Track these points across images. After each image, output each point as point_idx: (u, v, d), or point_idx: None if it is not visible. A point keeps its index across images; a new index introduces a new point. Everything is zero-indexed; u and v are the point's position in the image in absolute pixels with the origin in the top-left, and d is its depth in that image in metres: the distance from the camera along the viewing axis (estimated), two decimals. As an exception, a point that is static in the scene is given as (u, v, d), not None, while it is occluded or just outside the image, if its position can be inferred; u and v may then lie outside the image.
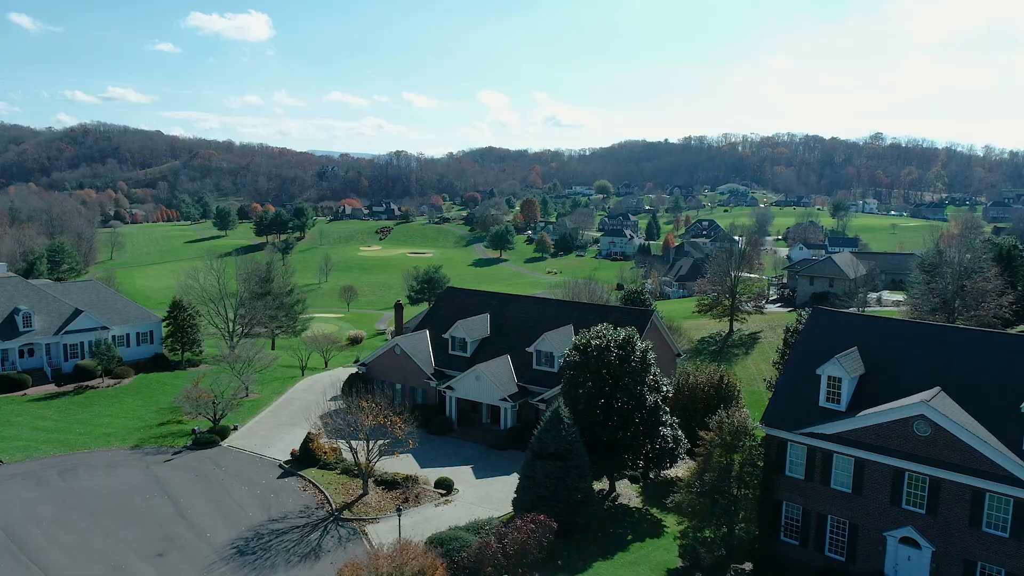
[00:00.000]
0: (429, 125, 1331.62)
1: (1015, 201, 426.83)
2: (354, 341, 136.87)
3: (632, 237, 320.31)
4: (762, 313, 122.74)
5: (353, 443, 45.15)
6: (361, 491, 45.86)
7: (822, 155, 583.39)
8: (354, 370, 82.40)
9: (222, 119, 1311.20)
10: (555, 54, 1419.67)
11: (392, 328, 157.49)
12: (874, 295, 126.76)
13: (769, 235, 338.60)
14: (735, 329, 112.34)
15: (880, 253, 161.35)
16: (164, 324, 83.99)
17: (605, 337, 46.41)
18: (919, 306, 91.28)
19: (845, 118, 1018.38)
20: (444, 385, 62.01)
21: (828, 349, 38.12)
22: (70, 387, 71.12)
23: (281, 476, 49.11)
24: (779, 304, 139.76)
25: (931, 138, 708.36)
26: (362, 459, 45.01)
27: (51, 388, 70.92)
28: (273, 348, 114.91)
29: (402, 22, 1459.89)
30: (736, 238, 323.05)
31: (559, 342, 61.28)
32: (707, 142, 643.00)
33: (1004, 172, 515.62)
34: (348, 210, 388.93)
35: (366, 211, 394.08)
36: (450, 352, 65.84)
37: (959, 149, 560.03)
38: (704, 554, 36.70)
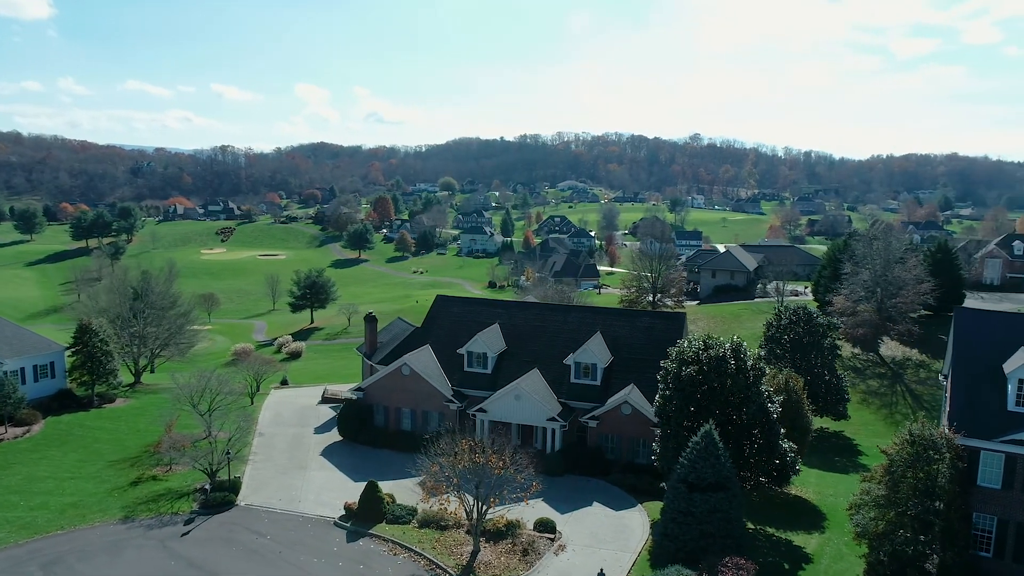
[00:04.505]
0: (243, 119, 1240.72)
1: (815, 196, 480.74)
2: (240, 356, 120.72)
3: (492, 234, 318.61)
4: (682, 307, 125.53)
5: (464, 494, 37.45)
6: (471, 547, 38.24)
7: (648, 153, 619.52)
8: (300, 390, 71.34)
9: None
10: (374, 51, 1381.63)
11: (280, 339, 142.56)
12: (771, 285, 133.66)
13: (618, 230, 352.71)
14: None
15: (766, 246, 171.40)
16: (68, 353, 68.18)
17: (719, 346, 42.44)
18: (850, 296, 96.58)
19: (666, 118, 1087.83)
20: (475, 408, 54.80)
21: (994, 351, 36.86)
22: (-37, 443, 54.98)
23: (351, 539, 39.88)
24: (683, 297, 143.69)
25: (741, 139, 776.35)
26: (473, 512, 37.47)
27: (-66, 446, 54.37)
28: (153, 371, 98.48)
29: (204, 7, 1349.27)
30: (591, 233, 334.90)
31: (599, 352, 56.56)
32: (542, 140, 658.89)
33: (802, 170, 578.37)
34: (180, 210, 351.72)
35: (201, 210, 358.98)
36: (466, 369, 58.59)
37: (764, 150, 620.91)
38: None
